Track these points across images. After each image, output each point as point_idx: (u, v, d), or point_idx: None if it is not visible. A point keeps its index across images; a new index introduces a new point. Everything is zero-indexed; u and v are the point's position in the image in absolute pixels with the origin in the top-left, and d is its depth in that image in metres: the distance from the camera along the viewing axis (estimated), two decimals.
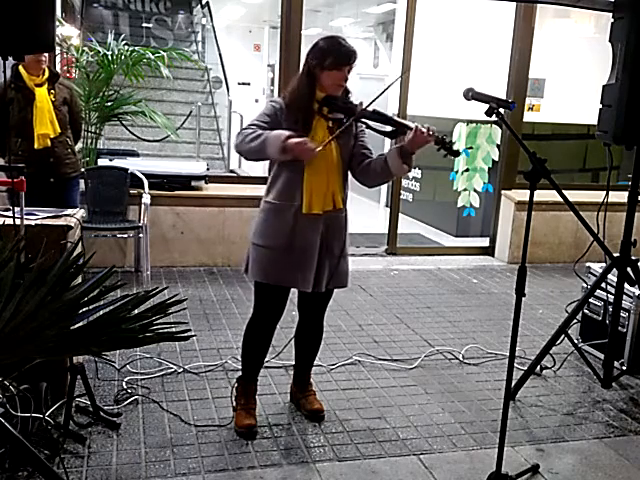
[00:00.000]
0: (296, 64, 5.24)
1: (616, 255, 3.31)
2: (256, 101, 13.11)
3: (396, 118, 2.78)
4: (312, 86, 2.71)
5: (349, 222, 2.94)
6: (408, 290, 5.17)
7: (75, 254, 2.04)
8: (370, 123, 2.78)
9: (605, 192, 3.26)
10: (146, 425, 2.90)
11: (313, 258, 2.77)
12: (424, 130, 2.61)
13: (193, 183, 5.41)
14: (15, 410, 2.48)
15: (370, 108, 2.70)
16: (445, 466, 2.72)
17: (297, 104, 2.72)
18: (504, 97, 2.74)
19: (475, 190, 7.32)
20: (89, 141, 5.31)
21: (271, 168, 2.83)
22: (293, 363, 3.19)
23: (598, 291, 3.65)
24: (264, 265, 2.81)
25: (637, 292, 3.59)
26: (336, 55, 2.66)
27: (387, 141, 8.73)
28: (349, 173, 2.88)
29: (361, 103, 2.73)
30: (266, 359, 3.52)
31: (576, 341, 3.74)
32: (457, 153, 2.69)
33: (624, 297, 3.48)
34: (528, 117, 6.63)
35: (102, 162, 5.34)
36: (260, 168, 6.34)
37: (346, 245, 2.91)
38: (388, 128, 2.74)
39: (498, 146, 7.00)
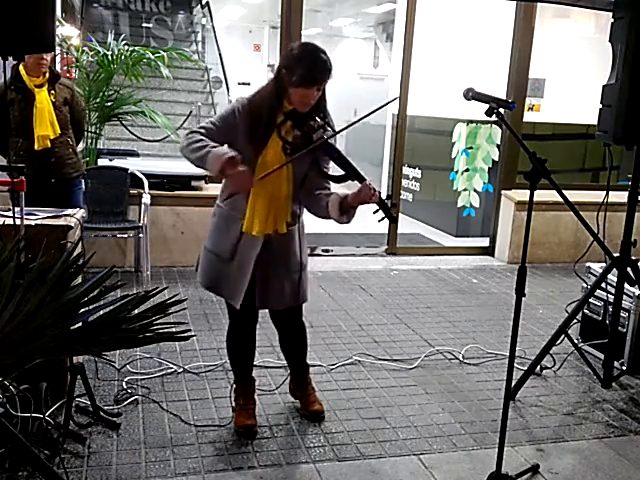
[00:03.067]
0: None
1: (616, 255, 3.31)
2: None
3: (353, 165, 2.56)
4: (280, 97, 2.55)
5: (302, 232, 2.81)
6: (408, 290, 5.17)
7: (75, 254, 2.04)
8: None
9: (605, 192, 3.26)
10: (146, 425, 2.90)
11: (246, 275, 2.67)
12: (373, 188, 2.44)
13: (193, 183, 5.41)
14: (15, 410, 2.48)
15: (336, 143, 2.57)
16: (445, 466, 2.72)
17: (259, 114, 2.55)
18: (504, 97, 2.74)
19: (475, 190, 7.32)
20: (89, 141, 5.31)
21: None
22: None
23: (598, 291, 3.65)
24: (207, 270, 2.78)
25: (637, 292, 3.59)
26: (305, 72, 2.45)
27: (388, 143, 8.75)
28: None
29: (324, 131, 2.56)
30: (266, 359, 3.54)
31: (576, 341, 3.74)
32: (395, 219, 2.57)
33: (624, 297, 3.48)
34: (528, 117, 6.63)
35: (102, 162, 5.35)
36: None
37: (303, 257, 2.80)
38: (339, 172, 2.56)
39: (498, 146, 7.00)
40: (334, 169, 2.65)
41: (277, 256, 2.71)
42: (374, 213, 2.52)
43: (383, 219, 2.53)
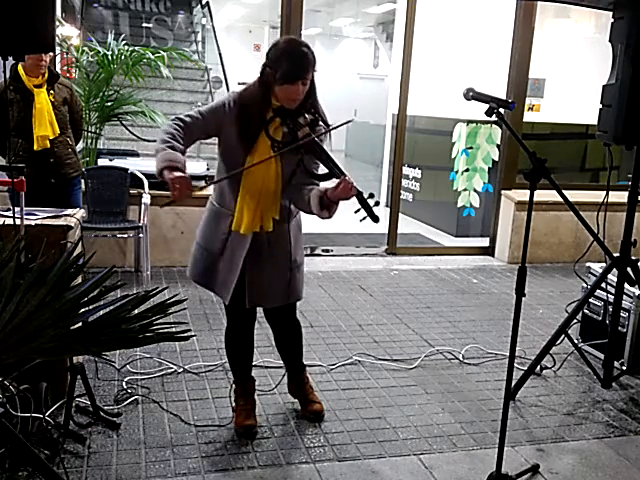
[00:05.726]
0: None
1: (616, 255, 3.31)
2: None
3: (336, 162, 2.49)
4: (267, 95, 2.53)
5: (297, 230, 2.79)
6: (408, 290, 5.17)
7: (75, 254, 2.04)
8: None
9: (605, 192, 3.27)
10: (146, 425, 2.90)
11: (235, 272, 2.67)
12: (351, 183, 2.37)
13: (193, 183, 5.39)
14: (15, 410, 2.48)
15: (326, 143, 2.52)
16: (445, 466, 2.72)
17: (249, 111, 2.54)
18: (504, 97, 2.74)
19: (475, 190, 7.33)
20: (89, 141, 5.31)
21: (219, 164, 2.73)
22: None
23: (598, 291, 3.65)
24: (197, 263, 2.79)
25: (637, 292, 3.59)
26: (286, 69, 2.44)
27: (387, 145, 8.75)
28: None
29: (313, 127, 2.51)
30: (266, 359, 3.54)
31: (576, 341, 3.74)
32: (377, 219, 2.42)
33: (624, 297, 3.48)
34: (528, 117, 6.63)
35: (102, 162, 5.34)
36: None
37: (296, 255, 2.77)
38: (323, 171, 2.51)
39: (498, 146, 7.00)
40: (321, 168, 2.60)
41: (267, 254, 2.70)
42: (355, 212, 2.44)
43: (365, 218, 2.43)
